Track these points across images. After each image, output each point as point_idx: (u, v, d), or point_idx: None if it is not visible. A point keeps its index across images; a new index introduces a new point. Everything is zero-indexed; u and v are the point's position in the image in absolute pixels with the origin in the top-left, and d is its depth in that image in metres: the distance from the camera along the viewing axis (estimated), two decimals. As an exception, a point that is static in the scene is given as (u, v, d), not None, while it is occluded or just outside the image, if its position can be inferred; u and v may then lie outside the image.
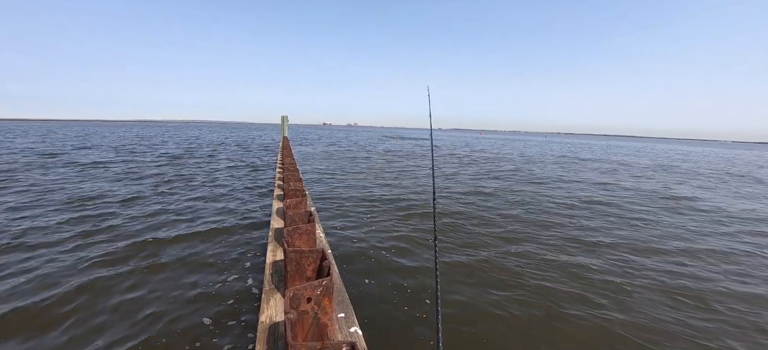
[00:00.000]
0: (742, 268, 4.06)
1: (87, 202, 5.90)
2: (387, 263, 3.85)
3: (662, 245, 4.77)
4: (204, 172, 10.04)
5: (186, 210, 5.67)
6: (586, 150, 30.66)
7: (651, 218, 6.22)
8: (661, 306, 3.12)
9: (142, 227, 4.73)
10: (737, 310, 3.11)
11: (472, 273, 3.65)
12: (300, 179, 4.74)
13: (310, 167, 12.02)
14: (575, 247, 4.55)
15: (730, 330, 2.80)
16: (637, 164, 17.92)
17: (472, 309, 2.97)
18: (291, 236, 2.43)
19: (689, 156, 27.61)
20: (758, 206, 7.90)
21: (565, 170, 13.43)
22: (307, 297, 1.56)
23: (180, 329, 2.55)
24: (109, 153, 14.33)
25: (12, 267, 3.37)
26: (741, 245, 4.93)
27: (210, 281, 3.28)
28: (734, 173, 15.32)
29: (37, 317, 2.60)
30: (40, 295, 2.87)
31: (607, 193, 8.64)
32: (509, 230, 5.16)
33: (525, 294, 3.25)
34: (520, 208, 6.71)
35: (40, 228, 4.48)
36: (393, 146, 26.95)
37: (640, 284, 3.54)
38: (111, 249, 3.89)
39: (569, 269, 3.82)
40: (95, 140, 22.15)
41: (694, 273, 3.85)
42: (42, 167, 9.86)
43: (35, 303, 2.75)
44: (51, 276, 3.23)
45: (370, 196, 7.29)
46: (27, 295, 2.87)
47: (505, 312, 2.93)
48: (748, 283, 3.67)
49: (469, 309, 2.96)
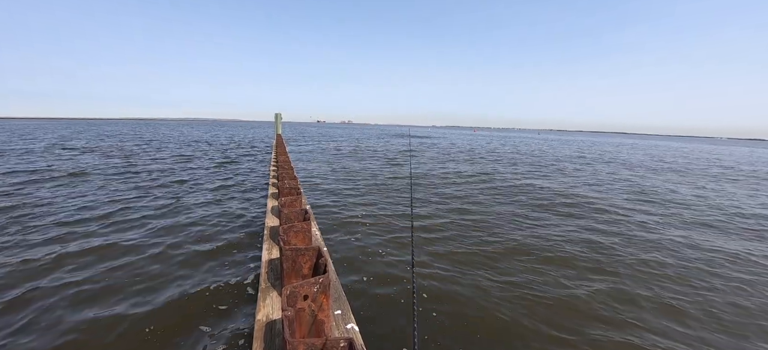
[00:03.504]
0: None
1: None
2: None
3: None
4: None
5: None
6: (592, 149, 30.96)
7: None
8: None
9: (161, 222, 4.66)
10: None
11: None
12: (295, 177, 4.72)
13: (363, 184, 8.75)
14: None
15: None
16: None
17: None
18: (287, 234, 2.44)
19: (692, 153, 28.21)
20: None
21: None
22: (304, 295, 1.58)
23: (174, 328, 2.53)
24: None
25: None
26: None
27: (204, 280, 3.26)
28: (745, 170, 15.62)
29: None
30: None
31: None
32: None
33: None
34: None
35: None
36: (412, 144, 26.23)
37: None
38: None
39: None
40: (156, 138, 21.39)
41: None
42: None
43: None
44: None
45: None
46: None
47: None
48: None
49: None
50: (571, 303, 3.07)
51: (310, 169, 10.99)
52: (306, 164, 12.07)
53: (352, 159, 14.21)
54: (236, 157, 13.72)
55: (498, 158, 16.84)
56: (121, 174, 8.76)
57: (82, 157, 12.11)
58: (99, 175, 8.53)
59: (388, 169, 11.65)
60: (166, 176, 8.69)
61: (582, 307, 3.01)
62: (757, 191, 9.68)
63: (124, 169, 9.65)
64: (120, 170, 9.48)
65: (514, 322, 2.76)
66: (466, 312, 2.90)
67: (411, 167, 2.08)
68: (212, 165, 11.12)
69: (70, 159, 11.36)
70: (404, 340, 2.51)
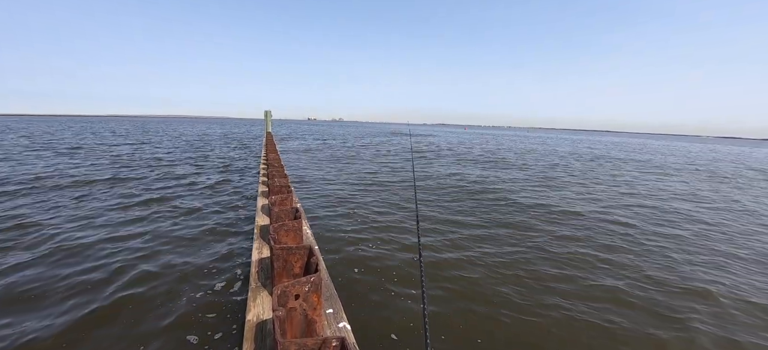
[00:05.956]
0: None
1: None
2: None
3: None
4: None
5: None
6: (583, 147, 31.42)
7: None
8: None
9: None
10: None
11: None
12: (285, 175, 4.67)
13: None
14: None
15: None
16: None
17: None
18: (277, 233, 2.40)
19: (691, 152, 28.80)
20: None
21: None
22: (295, 294, 1.55)
23: (162, 330, 2.47)
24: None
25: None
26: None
27: (191, 280, 3.19)
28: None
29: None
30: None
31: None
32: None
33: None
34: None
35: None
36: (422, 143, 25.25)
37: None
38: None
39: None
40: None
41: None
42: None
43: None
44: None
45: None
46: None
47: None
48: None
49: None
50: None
51: (303, 169, 10.89)
52: (305, 164, 11.93)
53: (363, 160, 13.63)
54: (226, 154, 13.52)
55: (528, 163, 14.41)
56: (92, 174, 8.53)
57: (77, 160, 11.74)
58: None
59: (388, 168, 11.48)
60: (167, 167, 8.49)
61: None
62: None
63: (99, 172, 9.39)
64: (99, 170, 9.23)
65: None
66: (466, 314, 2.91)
67: (413, 163, 2.07)
68: (206, 164, 10.94)
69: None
70: (399, 338, 2.51)
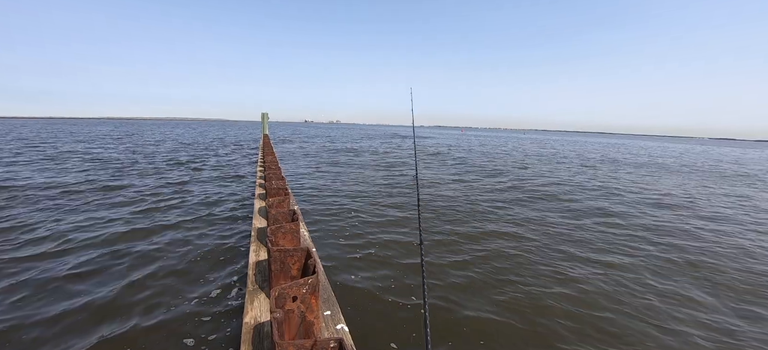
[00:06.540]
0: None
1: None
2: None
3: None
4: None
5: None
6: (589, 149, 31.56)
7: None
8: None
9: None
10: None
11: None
12: (282, 178, 4.66)
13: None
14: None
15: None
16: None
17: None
18: (275, 235, 2.40)
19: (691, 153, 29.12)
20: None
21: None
22: (293, 296, 1.56)
23: (158, 332, 2.46)
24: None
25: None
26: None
27: (188, 283, 3.18)
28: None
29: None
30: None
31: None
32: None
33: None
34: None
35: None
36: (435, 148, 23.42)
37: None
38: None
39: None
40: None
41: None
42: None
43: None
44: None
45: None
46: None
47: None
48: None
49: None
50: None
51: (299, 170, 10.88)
52: (303, 167, 11.94)
53: (363, 164, 14.00)
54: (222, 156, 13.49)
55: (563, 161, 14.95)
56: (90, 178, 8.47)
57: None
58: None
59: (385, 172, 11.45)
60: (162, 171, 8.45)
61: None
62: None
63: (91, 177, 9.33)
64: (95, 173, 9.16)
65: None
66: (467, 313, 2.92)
67: (416, 160, 2.08)
68: (201, 165, 10.90)
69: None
70: (396, 339, 2.51)
